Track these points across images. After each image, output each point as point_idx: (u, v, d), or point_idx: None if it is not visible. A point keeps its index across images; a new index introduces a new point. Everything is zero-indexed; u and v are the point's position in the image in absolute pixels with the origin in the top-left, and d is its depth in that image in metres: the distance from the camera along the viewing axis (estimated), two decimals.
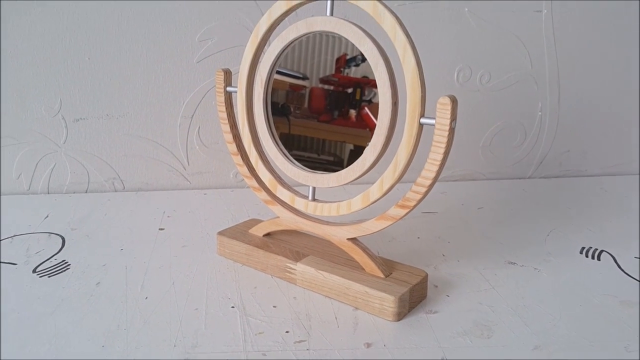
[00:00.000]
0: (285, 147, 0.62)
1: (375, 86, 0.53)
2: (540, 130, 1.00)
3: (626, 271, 0.65)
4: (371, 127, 0.55)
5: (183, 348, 0.49)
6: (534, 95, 0.98)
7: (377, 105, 0.53)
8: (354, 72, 0.56)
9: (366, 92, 0.56)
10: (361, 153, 0.55)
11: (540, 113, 0.99)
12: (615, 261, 0.68)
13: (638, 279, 0.63)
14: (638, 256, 0.69)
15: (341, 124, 0.59)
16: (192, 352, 0.49)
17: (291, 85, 0.61)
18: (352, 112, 0.58)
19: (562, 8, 0.95)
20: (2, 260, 0.66)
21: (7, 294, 0.58)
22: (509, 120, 0.98)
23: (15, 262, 0.66)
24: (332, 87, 0.59)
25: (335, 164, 0.60)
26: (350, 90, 0.57)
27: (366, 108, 0.56)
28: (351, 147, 0.59)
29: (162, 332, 0.51)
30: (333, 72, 0.58)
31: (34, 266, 0.65)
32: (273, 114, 0.62)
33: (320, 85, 0.59)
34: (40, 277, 0.62)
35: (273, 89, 0.61)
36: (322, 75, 0.59)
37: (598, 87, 1.00)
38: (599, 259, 0.68)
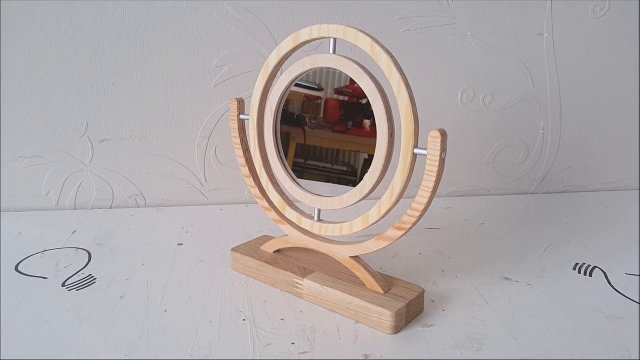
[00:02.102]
0: (301, 157, 0.66)
1: None
2: (542, 147, 1.04)
3: (616, 287, 0.69)
4: None
5: (198, 357, 0.54)
6: (536, 115, 1.02)
7: None
8: None
9: None
10: None
11: (542, 131, 1.03)
12: (607, 277, 0.71)
13: (627, 295, 0.67)
14: (629, 272, 0.73)
15: (355, 134, 0.62)
16: None
17: (307, 96, 0.64)
18: (367, 123, 0.60)
19: (563, 31, 0.98)
20: (34, 275, 0.72)
21: (40, 306, 0.64)
22: (512, 139, 1.02)
23: (46, 277, 0.71)
24: (346, 98, 0.62)
25: (348, 174, 0.63)
26: (364, 102, 0.60)
27: None
28: (365, 156, 0.62)
29: (180, 343, 0.57)
30: (348, 83, 0.61)
31: (63, 280, 0.70)
32: (289, 124, 0.66)
33: (335, 96, 0.62)
34: (69, 290, 0.68)
35: (289, 100, 0.65)
36: (337, 86, 0.62)
37: (598, 106, 1.04)
38: (590, 275, 0.72)
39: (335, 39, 0.60)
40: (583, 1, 0.98)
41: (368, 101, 0.59)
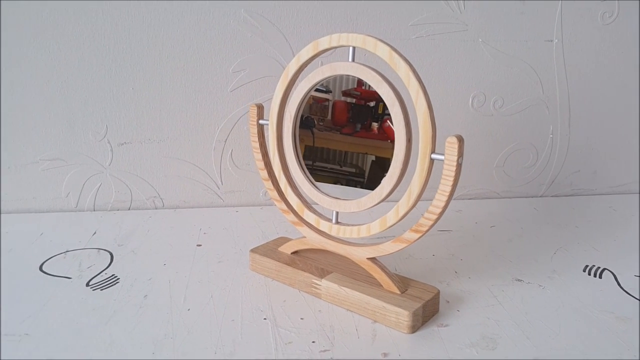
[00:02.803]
0: (309, 159, 0.68)
1: None
2: (551, 151, 1.05)
3: (625, 289, 0.71)
4: (393, 139, 0.59)
5: (222, 355, 0.56)
6: (545, 119, 1.04)
7: None
8: None
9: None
10: (382, 163, 0.61)
11: (551, 135, 1.05)
12: (616, 279, 0.73)
13: (636, 296, 0.69)
14: (638, 274, 0.74)
15: (363, 136, 0.63)
16: (231, 359, 0.56)
17: (314, 97, 0.66)
18: (375, 125, 0.62)
19: (572, 37, 1.00)
20: (58, 274, 0.74)
21: (66, 305, 0.66)
22: (522, 142, 1.04)
23: (70, 276, 0.73)
24: (354, 100, 0.63)
25: (357, 176, 0.65)
26: (372, 104, 0.62)
27: (388, 121, 0.60)
28: (373, 157, 0.63)
29: (204, 341, 0.59)
30: (355, 85, 0.62)
31: (87, 280, 0.72)
32: (298, 126, 0.68)
33: (342, 98, 0.64)
34: (94, 290, 0.69)
35: None
36: (344, 88, 0.63)
37: (607, 111, 1.06)
38: (600, 277, 0.74)
39: (354, 47, 0.62)
40: (592, 8, 1.00)
41: (376, 103, 0.60)
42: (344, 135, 0.65)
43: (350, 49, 0.62)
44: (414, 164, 0.59)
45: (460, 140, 0.55)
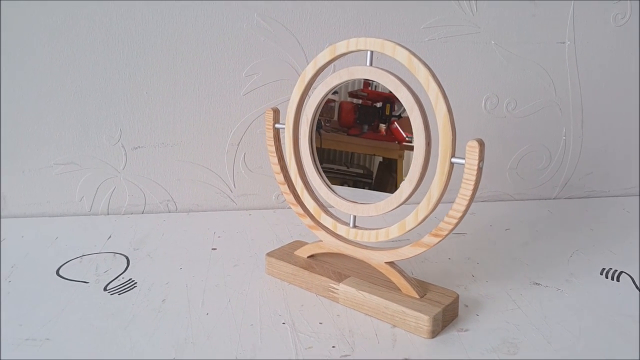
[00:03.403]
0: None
1: None
2: (564, 153, 1.05)
3: None
4: (400, 141, 0.60)
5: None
6: (558, 121, 1.03)
7: (406, 119, 0.58)
8: (382, 87, 0.60)
9: (395, 108, 0.60)
10: (390, 165, 0.61)
11: (564, 137, 1.04)
12: (634, 282, 0.73)
13: None
14: None
15: (371, 137, 0.63)
16: None
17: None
18: (382, 126, 0.62)
19: (584, 39, 1.00)
20: (75, 279, 0.74)
21: (84, 309, 0.66)
22: (535, 145, 1.04)
23: (87, 281, 0.73)
24: (360, 101, 0.63)
25: (364, 177, 0.65)
26: (379, 105, 0.62)
27: (395, 123, 0.61)
28: (380, 159, 0.63)
29: (225, 345, 0.58)
30: (362, 86, 0.62)
31: (104, 284, 0.72)
32: None
33: (349, 99, 0.64)
34: (111, 294, 0.70)
35: None
36: (350, 90, 0.63)
37: (619, 112, 1.05)
38: (618, 280, 0.74)
39: (371, 52, 0.62)
40: (604, 9, 0.99)
41: (382, 104, 0.60)
42: (351, 137, 0.65)
43: (368, 53, 0.62)
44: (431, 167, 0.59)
45: (481, 144, 0.56)
